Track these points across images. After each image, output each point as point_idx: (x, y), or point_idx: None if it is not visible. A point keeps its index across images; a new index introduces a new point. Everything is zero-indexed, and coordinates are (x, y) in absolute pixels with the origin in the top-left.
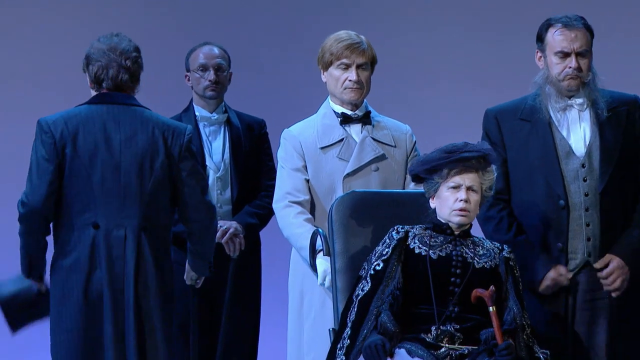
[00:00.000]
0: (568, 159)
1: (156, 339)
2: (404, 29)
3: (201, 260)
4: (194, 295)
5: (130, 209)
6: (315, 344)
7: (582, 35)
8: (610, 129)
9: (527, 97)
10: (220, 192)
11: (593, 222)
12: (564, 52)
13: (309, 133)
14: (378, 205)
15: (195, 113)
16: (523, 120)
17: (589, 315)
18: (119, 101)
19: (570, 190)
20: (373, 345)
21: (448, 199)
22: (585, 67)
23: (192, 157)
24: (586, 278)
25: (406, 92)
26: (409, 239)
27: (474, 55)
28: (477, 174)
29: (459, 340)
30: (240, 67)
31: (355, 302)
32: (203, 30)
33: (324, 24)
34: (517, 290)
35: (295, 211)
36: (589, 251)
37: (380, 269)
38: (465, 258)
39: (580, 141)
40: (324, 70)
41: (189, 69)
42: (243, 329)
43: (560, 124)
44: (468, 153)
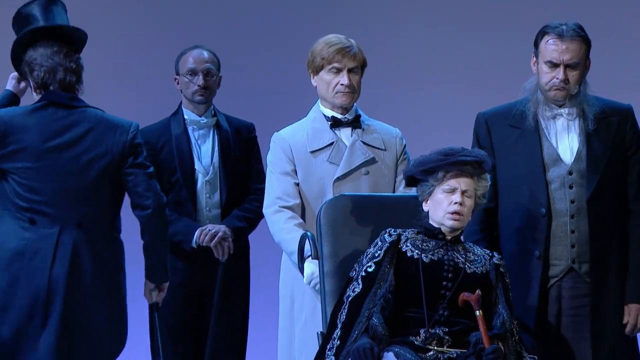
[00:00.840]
0: (555, 167)
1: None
2: (393, 31)
3: (156, 261)
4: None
5: (69, 206)
6: (306, 347)
7: (574, 47)
8: (599, 139)
9: (518, 101)
10: (209, 196)
11: (578, 229)
12: (553, 63)
13: (298, 137)
14: (367, 209)
15: (184, 116)
16: (513, 126)
17: (574, 322)
18: (65, 102)
19: (555, 197)
20: (361, 348)
21: (442, 201)
22: (574, 80)
23: (138, 152)
24: (570, 284)
25: (395, 95)
26: (401, 242)
27: (465, 56)
28: (473, 180)
29: (448, 344)
30: (229, 71)
31: (346, 303)
32: (193, 33)
33: (312, 27)
34: (507, 297)
35: (285, 216)
36: (573, 258)
37: (372, 271)
38: (456, 263)
39: (568, 150)
40: (314, 75)
41: (179, 72)
42: (231, 333)
43: (548, 132)
44: (465, 157)
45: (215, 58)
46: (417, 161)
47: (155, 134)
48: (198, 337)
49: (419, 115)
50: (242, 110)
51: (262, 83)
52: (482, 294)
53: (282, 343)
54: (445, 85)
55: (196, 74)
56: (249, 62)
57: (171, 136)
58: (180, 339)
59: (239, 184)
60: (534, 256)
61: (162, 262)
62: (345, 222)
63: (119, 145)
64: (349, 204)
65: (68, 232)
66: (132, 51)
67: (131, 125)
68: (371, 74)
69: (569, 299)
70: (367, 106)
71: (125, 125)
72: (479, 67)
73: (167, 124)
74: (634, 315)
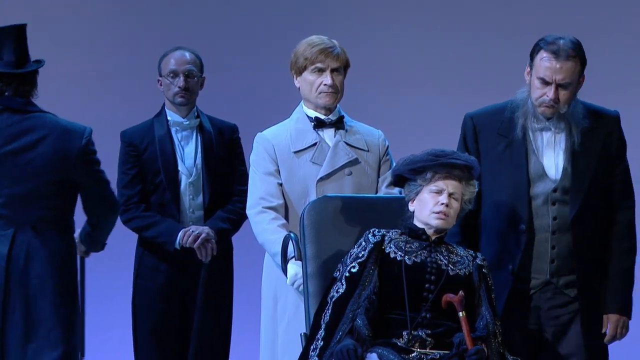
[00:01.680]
0: (540, 182)
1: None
2: (375, 33)
3: (96, 243)
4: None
5: (23, 208)
6: (289, 348)
7: (568, 67)
8: (585, 155)
9: (507, 106)
10: (192, 197)
11: (559, 245)
12: (545, 80)
13: (282, 137)
14: (350, 210)
15: (167, 118)
16: (501, 135)
17: (554, 331)
18: (20, 107)
19: (538, 213)
20: (345, 349)
21: (429, 202)
22: (564, 99)
23: (92, 157)
24: (548, 296)
25: (377, 96)
26: (384, 243)
27: (448, 58)
28: (461, 183)
29: (430, 345)
30: (213, 72)
31: (329, 303)
32: (177, 34)
33: (295, 28)
34: (490, 298)
35: (269, 217)
36: (551, 272)
37: (355, 272)
38: (439, 265)
39: (553, 166)
40: (297, 75)
41: (161, 73)
42: (215, 334)
43: (535, 146)
44: (455, 160)
45: (198, 59)
46: (407, 160)
47: (139, 135)
48: (182, 338)
49: (401, 117)
50: (225, 111)
51: (246, 84)
52: (465, 295)
53: (264, 344)
54: (428, 87)
55: (177, 76)
56: (232, 63)
57: (154, 137)
58: (164, 340)
59: (222, 186)
60: (506, 270)
61: (102, 240)
62: (329, 223)
63: (73, 150)
64: (333, 204)
65: (22, 233)
66: (115, 52)
67: (85, 130)
68: (353, 76)
69: (547, 309)
70: (350, 108)
71: (79, 130)
72: (463, 69)
73: (150, 125)
74: (613, 325)
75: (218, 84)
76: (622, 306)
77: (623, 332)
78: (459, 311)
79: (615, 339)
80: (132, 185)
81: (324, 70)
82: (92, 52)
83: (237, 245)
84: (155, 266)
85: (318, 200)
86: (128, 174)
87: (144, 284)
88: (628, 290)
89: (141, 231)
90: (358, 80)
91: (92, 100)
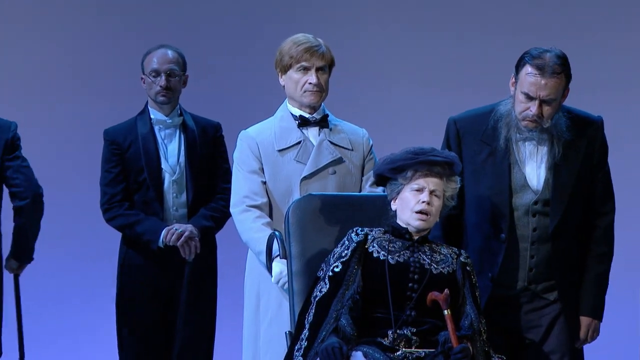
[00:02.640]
0: (521, 193)
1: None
2: (360, 31)
3: (25, 243)
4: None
5: None
6: (271, 346)
7: (553, 84)
8: (567, 165)
9: (491, 113)
10: (176, 196)
11: (538, 254)
12: (529, 96)
13: (266, 135)
14: (335, 208)
15: (150, 116)
16: (484, 142)
17: (536, 332)
18: None
19: (518, 224)
20: (330, 347)
21: (410, 200)
22: (547, 114)
23: (16, 148)
24: (527, 299)
25: (362, 95)
26: (367, 242)
27: (433, 58)
28: (442, 180)
29: (416, 344)
30: (196, 69)
31: (313, 303)
32: (160, 32)
33: (279, 27)
34: (474, 296)
35: (253, 215)
36: (530, 280)
37: (339, 271)
38: (422, 265)
39: (535, 177)
40: (282, 74)
41: (144, 72)
42: (199, 333)
43: (518, 157)
44: (435, 157)
45: (181, 57)
46: (386, 159)
47: (122, 133)
48: (165, 336)
49: (385, 116)
50: (208, 109)
51: (229, 82)
52: (449, 293)
53: (247, 342)
54: (412, 87)
55: (159, 75)
56: (217, 61)
57: (137, 136)
58: (148, 339)
59: (206, 184)
60: (486, 277)
61: (31, 245)
62: (314, 221)
63: (0, 143)
64: (317, 203)
65: None
66: (98, 50)
67: (11, 125)
68: (338, 75)
69: (527, 312)
70: (334, 107)
71: (5, 125)
72: (447, 69)
73: (133, 123)
74: (584, 329)
75: (202, 81)
76: (594, 309)
77: (594, 335)
78: (444, 309)
79: (586, 342)
80: (115, 184)
81: (309, 68)
82: (74, 51)
83: (221, 243)
84: (138, 265)
85: (303, 199)
86: (111, 172)
87: (127, 282)
88: (601, 293)
89: (124, 229)
90: (343, 78)
91: (75, 99)
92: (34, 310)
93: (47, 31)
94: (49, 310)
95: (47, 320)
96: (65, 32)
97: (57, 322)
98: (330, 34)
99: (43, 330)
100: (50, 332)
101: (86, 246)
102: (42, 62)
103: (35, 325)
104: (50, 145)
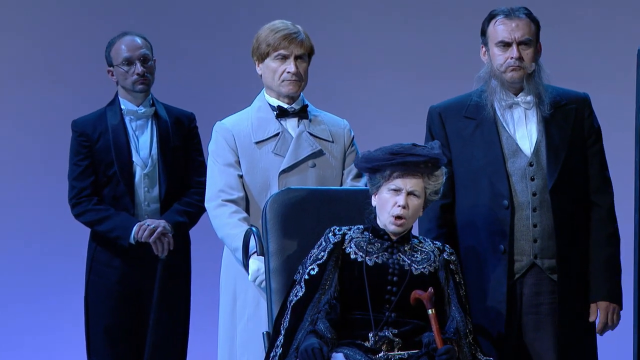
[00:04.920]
0: (515, 158)
1: None
2: (338, 17)
3: None
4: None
5: None
6: (248, 347)
7: (524, 25)
8: (557, 127)
9: (472, 93)
10: (147, 190)
11: (541, 223)
12: (505, 42)
13: (242, 126)
14: (315, 203)
15: (121, 106)
16: (468, 118)
17: (534, 320)
18: None
19: (517, 189)
20: (310, 348)
21: (387, 201)
22: (528, 58)
23: None
24: (532, 281)
25: (343, 85)
26: (345, 243)
27: (414, 46)
28: (422, 179)
29: (398, 346)
30: (167, 57)
31: (288, 308)
32: (126, 16)
33: (256, 12)
34: (459, 295)
35: (229, 210)
36: (535, 253)
37: (315, 274)
38: (402, 266)
39: (527, 140)
40: (259, 62)
41: (112, 63)
42: (172, 334)
43: (506, 122)
44: (413, 157)
45: (148, 42)
46: (364, 157)
47: (91, 124)
48: (137, 337)
49: (368, 107)
50: (181, 99)
51: (203, 70)
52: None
53: (222, 343)
54: (395, 76)
55: (133, 63)
56: (189, 47)
57: (107, 127)
58: (117, 340)
59: (179, 177)
60: (498, 251)
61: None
62: (292, 216)
63: None
64: (296, 197)
65: None
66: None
67: None
68: (318, 63)
69: (530, 296)
70: (314, 97)
71: None
72: (429, 58)
73: (103, 114)
74: (603, 313)
75: (173, 70)
76: (610, 292)
77: (615, 319)
78: (428, 308)
79: (607, 327)
80: (83, 177)
81: (287, 57)
82: (41, 41)
83: (195, 239)
84: (108, 262)
85: (281, 193)
86: (79, 165)
87: (96, 281)
88: (615, 276)
89: (94, 225)
90: (323, 67)
91: (41, 88)
92: None
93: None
94: (15, 309)
95: (13, 319)
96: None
97: (23, 322)
98: (308, 19)
99: (8, 331)
100: (16, 332)
101: (54, 243)
102: (5, 51)
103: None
104: (15, 137)
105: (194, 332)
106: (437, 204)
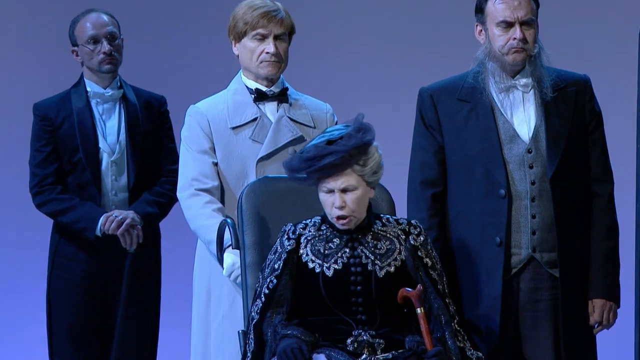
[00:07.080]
0: (512, 144)
1: None
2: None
3: None
4: None
5: None
6: (224, 346)
7: (525, 3)
8: (557, 111)
9: (466, 74)
10: (115, 178)
11: (540, 213)
12: (507, 22)
13: (218, 110)
14: (293, 193)
15: (86, 89)
16: (462, 100)
17: (532, 317)
18: None
19: (514, 178)
20: (289, 349)
21: (326, 202)
22: (531, 39)
23: None
24: (530, 276)
25: (325, 66)
26: (301, 248)
27: (400, 23)
28: (351, 170)
29: (381, 347)
30: (135, 36)
31: (251, 326)
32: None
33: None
34: (433, 280)
35: (203, 200)
36: (534, 246)
37: (273, 287)
38: (365, 265)
39: (525, 125)
40: (235, 42)
41: (76, 42)
42: (141, 333)
43: (503, 106)
44: (329, 158)
45: (115, 20)
46: (287, 167)
47: (54, 108)
48: (103, 336)
49: (351, 90)
50: (151, 81)
51: (174, 50)
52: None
53: (196, 342)
54: (380, 57)
55: (99, 41)
56: (158, 26)
57: (72, 110)
58: (82, 340)
59: (149, 165)
60: (493, 243)
61: None
62: (270, 207)
63: None
64: (274, 187)
65: None
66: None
67: None
68: (299, 43)
69: (528, 291)
70: (295, 79)
71: None
72: (417, 37)
73: (67, 96)
74: (598, 311)
75: (142, 50)
76: (607, 289)
77: (611, 318)
78: (417, 307)
79: (602, 326)
80: (46, 164)
81: (266, 36)
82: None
83: (165, 231)
84: (73, 256)
85: (258, 182)
86: (42, 151)
87: (60, 275)
88: (613, 273)
89: (57, 216)
90: (304, 47)
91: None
92: None
93: None
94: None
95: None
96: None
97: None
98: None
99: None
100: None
101: (13, 235)
102: None
103: None
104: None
105: (164, 331)
106: (428, 193)
